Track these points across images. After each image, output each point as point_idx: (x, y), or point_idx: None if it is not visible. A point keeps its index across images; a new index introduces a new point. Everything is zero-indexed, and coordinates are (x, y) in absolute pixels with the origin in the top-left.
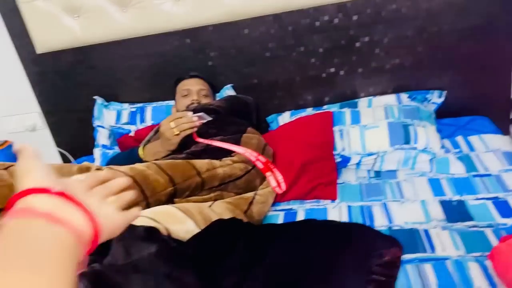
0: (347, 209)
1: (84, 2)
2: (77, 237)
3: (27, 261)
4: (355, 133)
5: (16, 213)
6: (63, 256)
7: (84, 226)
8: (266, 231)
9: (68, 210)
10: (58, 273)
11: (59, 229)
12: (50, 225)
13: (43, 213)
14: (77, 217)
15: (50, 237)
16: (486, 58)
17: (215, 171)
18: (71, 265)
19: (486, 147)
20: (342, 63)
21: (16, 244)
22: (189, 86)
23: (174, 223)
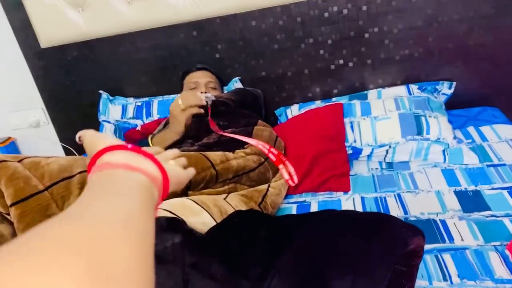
0: (361, 201)
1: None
2: (152, 180)
3: (112, 195)
4: (366, 124)
5: (97, 168)
6: (143, 193)
7: (156, 173)
8: (287, 221)
9: (141, 160)
10: (142, 206)
11: (137, 175)
12: (129, 172)
13: (121, 164)
14: (149, 165)
15: (130, 180)
16: (496, 48)
17: (229, 163)
18: (151, 203)
19: (499, 137)
20: (351, 54)
21: (102, 187)
22: (197, 78)
23: (190, 215)
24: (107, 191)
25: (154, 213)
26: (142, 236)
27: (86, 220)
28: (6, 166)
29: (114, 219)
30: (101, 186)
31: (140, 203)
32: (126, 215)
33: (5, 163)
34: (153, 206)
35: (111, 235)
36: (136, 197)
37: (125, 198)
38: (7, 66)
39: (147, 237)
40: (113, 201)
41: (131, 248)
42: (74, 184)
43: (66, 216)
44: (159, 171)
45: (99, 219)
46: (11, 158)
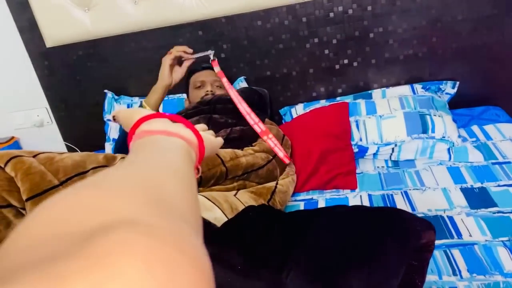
0: (368, 198)
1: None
2: (190, 144)
3: (158, 152)
4: (371, 123)
5: (137, 136)
6: (184, 153)
7: (193, 138)
8: (300, 215)
9: (177, 127)
10: (185, 162)
11: (175, 139)
12: (168, 137)
13: (160, 130)
14: (186, 131)
15: (170, 143)
16: (498, 47)
17: (239, 160)
18: (190, 164)
19: (503, 136)
20: (356, 54)
21: (147, 148)
22: (203, 77)
23: (202, 210)
24: (152, 149)
25: (193, 170)
26: (188, 183)
27: (142, 167)
28: (21, 161)
29: (165, 167)
30: (144, 147)
31: (183, 159)
32: (174, 165)
33: (20, 158)
34: (192, 164)
35: (164, 180)
36: (178, 154)
37: (170, 153)
38: (11, 66)
39: (192, 184)
40: (160, 155)
41: (182, 191)
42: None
43: (121, 167)
44: (195, 136)
45: (153, 167)
46: (26, 153)
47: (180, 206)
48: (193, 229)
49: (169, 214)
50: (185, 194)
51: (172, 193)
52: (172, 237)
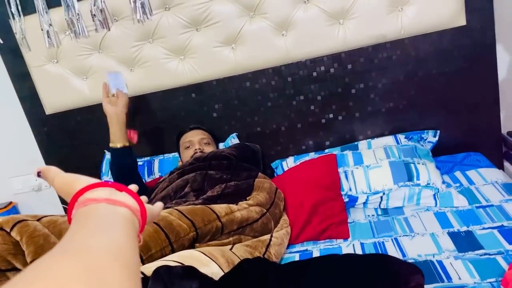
0: (361, 246)
1: (92, 64)
2: (133, 212)
3: (100, 229)
4: (359, 173)
5: (81, 204)
6: (127, 225)
7: (136, 205)
8: (294, 267)
9: (120, 195)
10: (127, 237)
11: (120, 208)
12: (112, 205)
13: (103, 199)
14: (128, 198)
15: (114, 213)
16: (473, 97)
17: (234, 215)
18: (134, 233)
19: (484, 180)
20: (340, 108)
21: (90, 221)
22: (190, 137)
23: (199, 266)
24: (95, 225)
25: (137, 242)
26: (130, 265)
27: (81, 254)
28: (26, 224)
29: (106, 252)
30: (88, 220)
31: (126, 235)
32: (116, 247)
33: (25, 222)
34: (135, 235)
35: (105, 266)
36: (121, 230)
37: (112, 231)
38: (11, 132)
39: (134, 265)
40: (102, 235)
41: (123, 276)
42: None
43: (61, 252)
44: (138, 204)
45: (93, 252)
46: (30, 217)
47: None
48: None
49: None
50: (125, 279)
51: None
52: None
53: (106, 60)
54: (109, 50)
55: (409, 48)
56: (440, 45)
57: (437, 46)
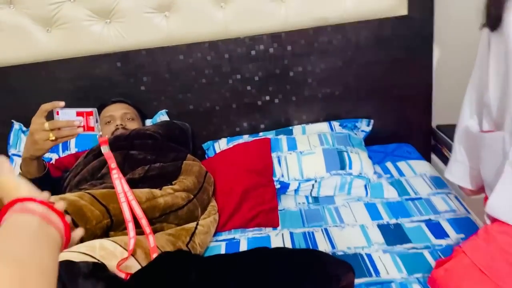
0: (290, 236)
1: (2, 19)
2: (60, 236)
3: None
4: (292, 159)
5: (18, 211)
6: (53, 247)
7: (62, 230)
8: (218, 262)
9: (53, 215)
10: (53, 254)
11: (51, 228)
12: (44, 223)
13: (39, 213)
14: (59, 221)
15: (46, 232)
16: (407, 89)
17: (156, 201)
18: (57, 255)
19: (414, 172)
20: (277, 91)
21: (21, 232)
22: (112, 112)
23: (111, 258)
24: (28, 239)
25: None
26: (52, 283)
27: (15, 265)
28: None
29: (36, 267)
30: (22, 231)
31: (52, 255)
32: (44, 265)
33: None
34: (58, 253)
35: (35, 281)
36: (49, 250)
37: (43, 250)
38: None
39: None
40: (35, 251)
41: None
42: None
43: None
44: (64, 228)
45: (26, 266)
46: None
47: None
48: None
49: None
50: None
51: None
52: None
53: (17, 17)
54: (23, 5)
55: (349, 34)
56: (380, 33)
57: (377, 34)
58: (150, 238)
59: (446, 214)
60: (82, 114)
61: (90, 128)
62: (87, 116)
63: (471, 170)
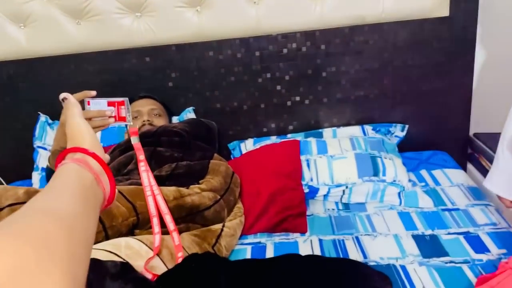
0: (319, 243)
1: (33, 10)
2: (104, 199)
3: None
4: (322, 163)
5: (77, 161)
6: (97, 210)
7: (108, 193)
8: (248, 267)
9: (104, 177)
10: (93, 222)
11: (99, 191)
12: (95, 183)
13: (95, 171)
14: (107, 186)
15: (94, 192)
16: (445, 94)
17: (183, 200)
18: (97, 215)
19: (450, 182)
20: (308, 92)
21: (70, 186)
22: (139, 107)
23: (137, 258)
24: (78, 193)
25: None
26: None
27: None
28: None
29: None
30: (75, 184)
31: (95, 215)
32: (87, 222)
33: None
34: (97, 219)
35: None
36: (95, 209)
37: (89, 206)
38: None
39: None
40: (81, 207)
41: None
42: (2, 217)
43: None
44: (110, 192)
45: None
46: None
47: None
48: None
49: None
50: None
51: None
52: None
53: (49, 8)
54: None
55: (387, 34)
56: (419, 35)
57: (416, 35)
58: (175, 235)
59: (486, 227)
60: (114, 104)
61: (121, 119)
62: (119, 106)
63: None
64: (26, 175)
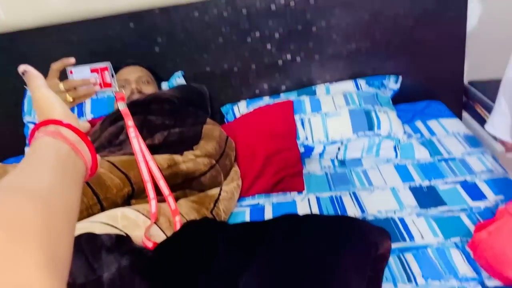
0: (316, 201)
1: None
2: (86, 169)
3: (54, 168)
4: (316, 121)
5: (50, 133)
6: (79, 182)
7: (89, 162)
8: (247, 231)
9: (83, 146)
10: (75, 195)
11: (79, 161)
12: (73, 153)
13: (71, 142)
14: (88, 154)
15: (72, 164)
16: (439, 43)
17: (178, 167)
18: (80, 190)
19: (446, 131)
20: (299, 49)
21: (45, 161)
22: (126, 75)
23: (134, 228)
24: (54, 167)
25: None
26: (73, 215)
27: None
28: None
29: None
30: (50, 157)
31: (77, 187)
32: (66, 196)
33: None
34: (81, 188)
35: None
36: (75, 181)
37: (67, 179)
38: None
39: (76, 215)
40: (59, 181)
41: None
42: None
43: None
44: (92, 160)
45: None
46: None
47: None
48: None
49: None
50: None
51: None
52: None
53: None
54: None
55: None
56: None
57: None
58: (170, 200)
59: (482, 174)
60: (97, 71)
61: (107, 85)
62: (102, 72)
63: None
64: (20, 152)
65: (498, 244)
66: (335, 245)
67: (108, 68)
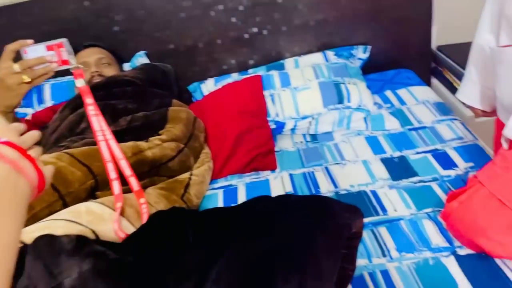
0: (290, 178)
1: None
2: (31, 187)
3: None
4: (286, 96)
5: None
6: (20, 203)
7: (35, 179)
8: (217, 218)
9: (25, 163)
10: (15, 214)
11: (20, 179)
12: (14, 173)
13: (10, 160)
14: (31, 170)
15: (12, 185)
16: (407, 8)
17: (143, 155)
18: (24, 212)
19: (416, 100)
20: (265, 21)
21: None
22: (85, 58)
23: (99, 223)
24: None
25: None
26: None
27: None
28: None
29: None
30: None
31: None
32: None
33: None
34: (26, 209)
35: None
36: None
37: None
38: None
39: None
40: None
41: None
42: None
43: None
44: (37, 176)
45: None
46: None
47: None
48: None
49: None
50: None
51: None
52: None
53: None
54: None
55: None
56: None
57: None
58: (132, 180)
59: (452, 142)
60: (53, 48)
61: (64, 62)
62: (58, 49)
63: (485, 90)
64: None
65: (469, 213)
66: (308, 231)
67: (63, 45)
